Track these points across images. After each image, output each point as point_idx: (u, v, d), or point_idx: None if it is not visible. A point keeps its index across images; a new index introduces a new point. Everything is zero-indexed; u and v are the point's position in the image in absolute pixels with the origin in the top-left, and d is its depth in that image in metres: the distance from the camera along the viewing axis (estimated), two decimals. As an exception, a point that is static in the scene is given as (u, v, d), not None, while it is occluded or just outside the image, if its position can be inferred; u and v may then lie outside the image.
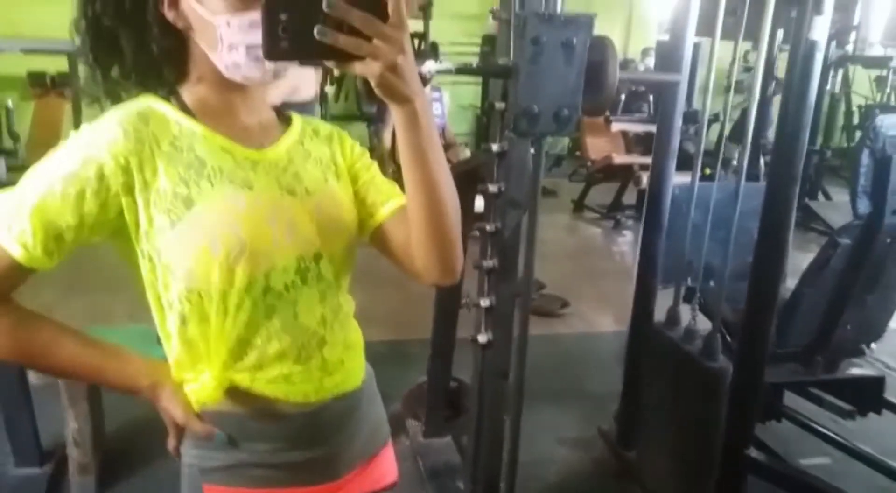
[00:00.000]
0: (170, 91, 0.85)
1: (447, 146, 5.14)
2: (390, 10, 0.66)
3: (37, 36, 5.00)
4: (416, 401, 2.59)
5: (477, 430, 1.79)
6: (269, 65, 0.81)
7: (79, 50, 0.85)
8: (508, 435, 1.70)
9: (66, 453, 2.15)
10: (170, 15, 0.82)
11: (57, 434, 2.22)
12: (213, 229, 0.79)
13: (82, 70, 0.87)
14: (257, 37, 0.72)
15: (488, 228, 1.61)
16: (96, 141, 0.77)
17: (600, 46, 1.47)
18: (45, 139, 6.02)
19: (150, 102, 0.83)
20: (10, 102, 5.90)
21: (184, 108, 0.84)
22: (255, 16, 0.74)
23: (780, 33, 4.55)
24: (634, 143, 6.66)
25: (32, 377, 2.10)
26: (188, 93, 0.86)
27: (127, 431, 2.42)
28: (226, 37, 0.79)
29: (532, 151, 1.55)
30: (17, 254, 0.75)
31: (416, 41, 7.18)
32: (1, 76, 5.56)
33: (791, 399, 2.42)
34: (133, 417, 2.42)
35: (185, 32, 0.83)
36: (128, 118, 0.80)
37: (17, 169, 5.58)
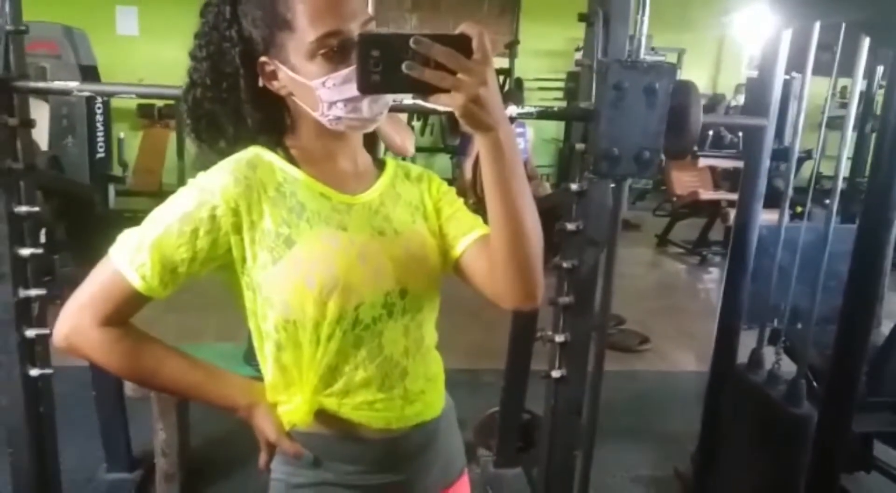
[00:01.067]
0: (276, 142, 0.94)
1: (528, 179, 5.17)
2: (474, 45, 0.72)
3: (151, 74, 5.41)
4: (488, 431, 2.61)
5: (548, 464, 1.80)
6: (368, 113, 0.88)
7: (186, 131, 0.95)
8: (579, 471, 1.71)
9: (154, 462, 2.27)
10: (272, 86, 0.91)
11: (147, 443, 2.34)
12: (309, 266, 0.87)
13: (190, 145, 0.96)
14: (353, 90, 0.80)
15: (565, 264, 1.64)
16: (210, 186, 0.87)
17: (684, 90, 1.50)
18: (151, 167, 6.43)
19: (258, 152, 0.92)
20: (121, 134, 6.33)
21: (288, 157, 0.93)
22: (347, 72, 0.83)
23: (880, 69, 4.38)
24: (722, 178, 6.51)
25: (128, 390, 2.24)
26: (291, 144, 0.95)
27: (211, 445, 2.54)
28: (325, 96, 0.87)
29: (612, 191, 1.57)
30: (138, 284, 0.85)
31: (502, 78, 7.30)
32: (115, 109, 5.99)
33: (882, 450, 2.31)
34: (217, 432, 2.55)
35: (285, 98, 0.92)
36: (238, 167, 0.89)
37: (124, 194, 5.97)
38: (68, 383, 1.95)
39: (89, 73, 4.90)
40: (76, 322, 0.86)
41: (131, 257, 0.85)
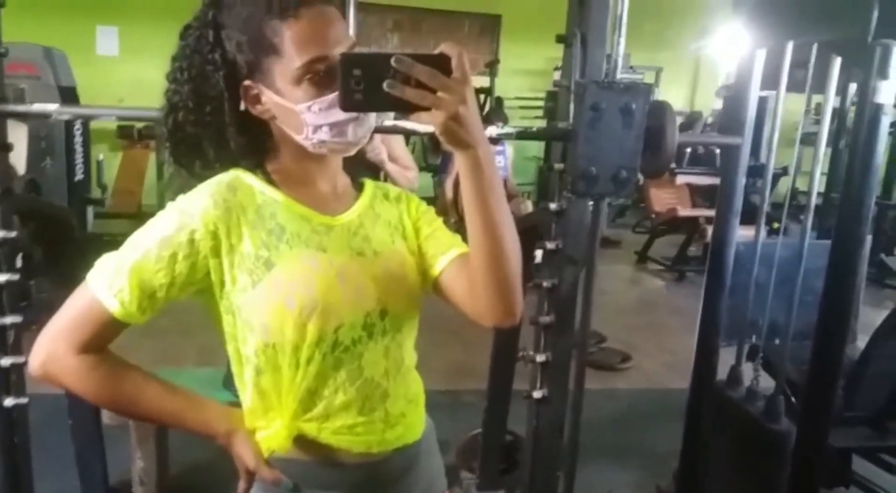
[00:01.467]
0: (256, 164, 0.94)
1: (509, 197, 5.20)
2: (454, 65, 0.74)
3: (131, 95, 5.38)
4: (470, 453, 2.60)
5: (530, 485, 1.79)
6: (352, 136, 0.89)
7: (164, 156, 0.95)
8: (562, 491, 1.70)
9: (132, 491, 2.23)
10: (255, 110, 0.91)
11: (124, 472, 2.30)
12: (289, 288, 0.87)
13: (166, 169, 0.96)
14: (338, 115, 0.83)
15: (545, 284, 1.65)
16: (189, 210, 0.87)
17: (659, 110, 1.52)
18: (131, 188, 6.36)
19: (238, 174, 0.92)
20: (100, 156, 6.28)
21: (268, 179, 0.93)
22: (333, 96, 0.84)
23: (852, 86, 4.46)
24: (700, 195, 6.58)
25: (105, 417, 2.20)
26: (271, 166, 0.95)
27: (190, 473, 2.50)
28: (310, 120, 0.87)
29: (591, 210, 1.59)
30: (115, 310, 0.84)
31: (482, 97, 7.35)
32: (94, 130, 5.95)
33: (861, 465, 2.32)
34: (196, 460, 2.51)
35: (267, 122, 0.92)
36: (218, 189, 0.89)
37: (103, 216, 5.91)
38: (43, 410, 1.91)
39: (69, 94, 4.88)
40: (52, 350, 0.85)
41: (109, 283, 0.84)
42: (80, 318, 0.85)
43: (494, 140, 1.49)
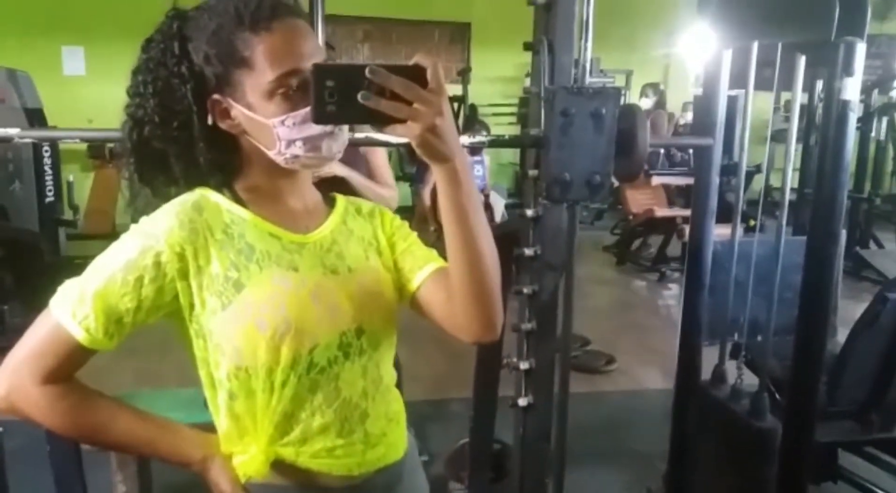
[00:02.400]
0: (223, 182, 0.92)
1: (487, 206, 5.21)
2: (429, 76, 0.72)
3: (100, 115, 5.32)
4: (458, 463, 2.57)
5: (520, 493, 1.78)
6: (326, 151, 0.87)
7: (124, 174, 0.91)
8: (552, 499, 1.69)
9: (114, 516, 2.19)
10: (223, 125, 0.88)
11: (105, 497, 2.26)
12: (260, 310, 0.84)
13: (126, 186, 0.93)
14: (312, 129, 0.81)
15: (525, 290, 1.64)
16: (154, 231, 0.84)
17: (629, 114, 1.52)
18: (103, 208, 6.28)
19: (204, 193, 0.90)
20: (71, 177, 6.19)
21: (235, 197, 0.91)
22: (306, 111, 0.81)
23: (819, 83, 4.52)
24: (676, 195, 6.63)
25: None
26: (239, 184, 0.93)
27: (174, 495, 2.46)
28: (283, 135, 0.85)
29: (566, 215, 1.58)
30: (81, 337, 0.81)
31: (455, 104, 7.37)
32: (64, 151, 5.86)
33: (847, 460, 2.34)
34: (179, 483, 2.44)
35: (237, 137, 0.90)
36: (183, 209, 0.86)
37: (75, 238, 5.81)
38: (19, 438, 1.87)
39: (35, 116, 4.81)
40: (15, 380, 0.82)
41: (74, 310, 0.81)
42: (44, 347, 0.82)
43: (470, 150, 1.48)
